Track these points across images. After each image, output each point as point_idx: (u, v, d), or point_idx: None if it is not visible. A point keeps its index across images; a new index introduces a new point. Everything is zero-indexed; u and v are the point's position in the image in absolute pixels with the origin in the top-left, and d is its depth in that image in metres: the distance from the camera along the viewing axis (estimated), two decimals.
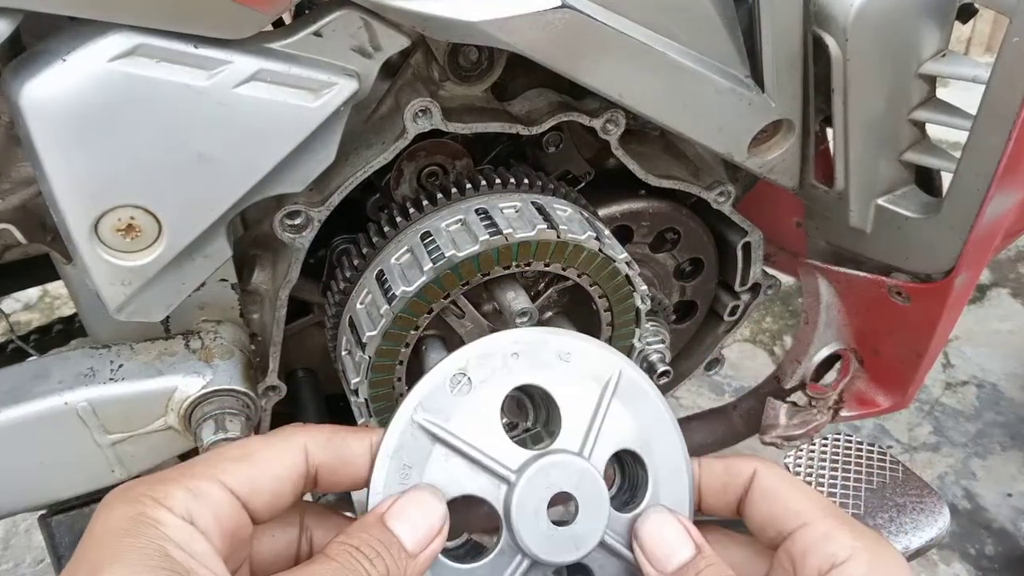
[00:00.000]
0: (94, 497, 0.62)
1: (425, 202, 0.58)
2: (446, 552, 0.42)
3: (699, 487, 0.46)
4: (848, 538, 0.39)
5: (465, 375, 0.44)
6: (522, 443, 0.45)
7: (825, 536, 0.40)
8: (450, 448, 0.43)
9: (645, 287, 0.62)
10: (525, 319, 0.54)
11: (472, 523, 0.46)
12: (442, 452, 0.43)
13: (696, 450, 0.88)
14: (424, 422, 0.43)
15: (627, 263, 0.59)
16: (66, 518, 0.62)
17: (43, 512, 0.63)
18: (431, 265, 0.53)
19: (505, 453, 0.44)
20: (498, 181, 0.60)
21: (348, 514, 0.45)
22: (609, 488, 0.45)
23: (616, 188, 0.73)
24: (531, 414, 0.48)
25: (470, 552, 0.46)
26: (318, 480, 0.40)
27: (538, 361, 0.45)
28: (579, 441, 0.45)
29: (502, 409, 0.45)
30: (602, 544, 0.44)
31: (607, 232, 0.60)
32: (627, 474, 0.48)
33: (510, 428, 0.46)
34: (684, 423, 0.88)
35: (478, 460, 0.43)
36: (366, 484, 0.41)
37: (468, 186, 0.59)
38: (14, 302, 1.89)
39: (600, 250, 0.57)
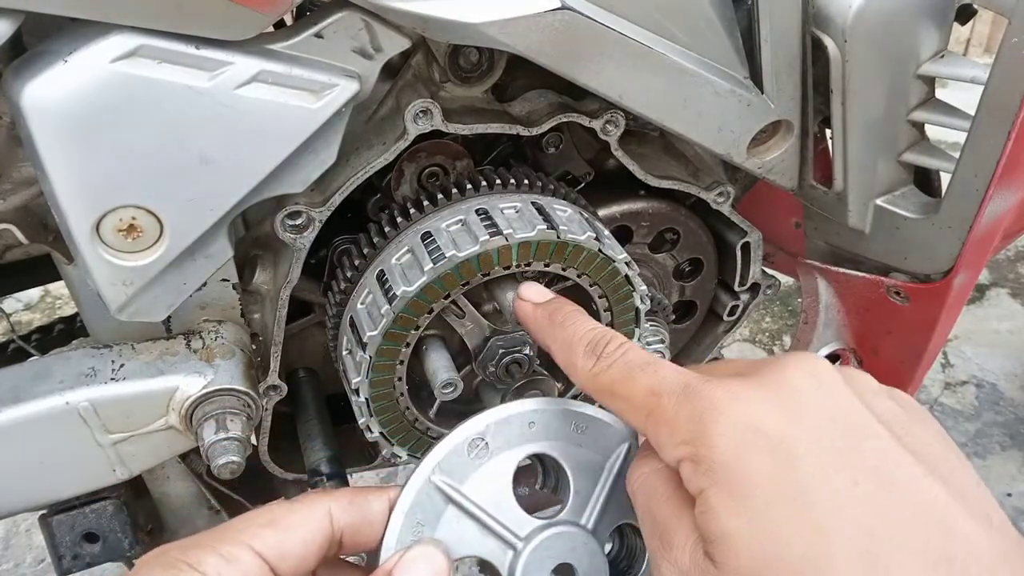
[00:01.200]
0: (95, 497, 0.63)
1: (426, 202, 0.58)
2: None
3: None
4: (671, 440, 0.38)
5: (483, 440, 0.46)
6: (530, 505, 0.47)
7: (659, 447, 0.39)
8: (462, 510, 0.45)
9: (644, 287, 0.62)
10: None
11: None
12: (454, 512, 0.45)
13: None
14: (440, 483, 0.44)
15: (626, 263, 0.59)
16: (67, 518, 0.62)
17: (44, 512, 0.63)
18: (431, 265, 0.53)
19: (514, 520, 0.46)
20: (498, 182, 0.60)
21: (351, 559, 0.46)
22: (608, 555, 0.47)
23: (616, 189, 0.73)
24: (541, 478, 0.49)
25: None
26: (343, 542, 0.42)
27: (553, 431, 0.47)
28: (584, 512, 0.47)
29: (515, 472, 0.47)
30: None
31: (607, 232, 0.61)
32: (625, 544, 0.49)
33: (519, 487, 0.48)
34: None
35: (488, 525, 0.45)
36: (381, 539, 0.43)
37: (468, 186, 0.59)
38: (15, 302, 1.89)
39: (600, 250, 0.57)
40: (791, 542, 0.34)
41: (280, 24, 0.57)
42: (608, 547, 0.48)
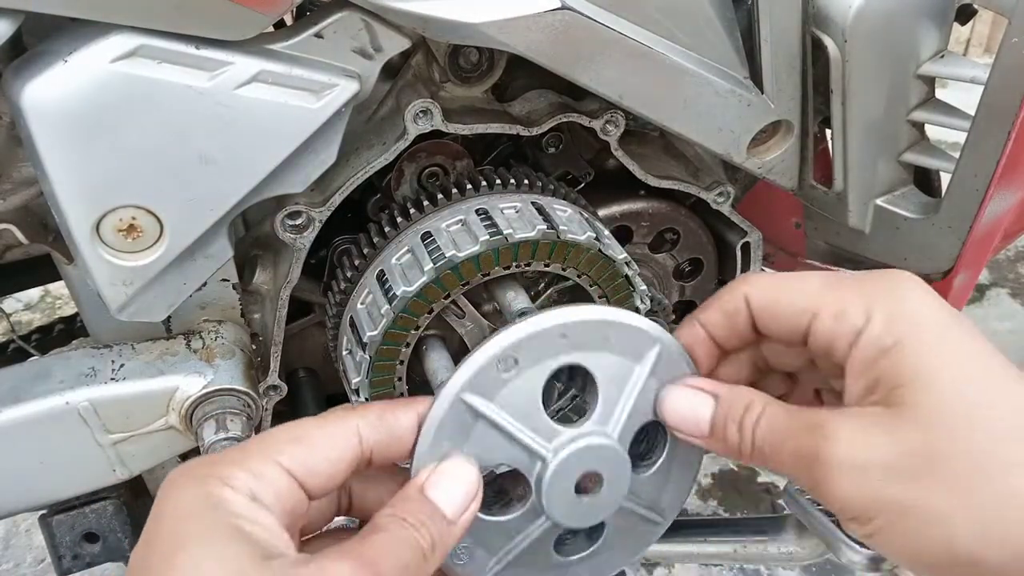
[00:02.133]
0: (94, 497, 0.63)
1: (425, 202, 0.58)
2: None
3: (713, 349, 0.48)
4: (859, 303, 0.40)
5: (514, 357, 0.46)
6: (560, 414, 0.48)
7: (838, 316, 0.41)
8: (491, 424, 0.46)
9: (644, 287, 0.62)
10: (525, 319, 0.54)
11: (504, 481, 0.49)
12: (483, 427, 0.46)
13: None
14: (469, 399, 0.45)
15: (627, 263, 0.59)
16: (67, 518, 0.62)
17: (44, 512, 0.63)
18: (431, 265, 0.53)
19: (543, 430, 0.47)
20: (498, 182, 0.60)
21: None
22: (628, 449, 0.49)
23: (616, 189, 0.73)
24: (571, 385, 0.50)
25: (497, 497, 0.50)
26: (372, 458, 0.42)
27: (584, 341, 0.47)
28: (611, 418, 0.48)
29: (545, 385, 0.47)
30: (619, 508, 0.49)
31: (607, 232, 0.61)
32: (647, 437, 0.50)
33: (548, 398, 0.48)
34: None
35: (516, 437, 0.46)
36: (411, 455, 0.44)
37: (468, 186, 0.59)
38: (15, 302, 1.89)
39: (600, 250, 0.57)
40: (989, 385, 0.37)
41: (280, 24, 0.57)
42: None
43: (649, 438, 0.50)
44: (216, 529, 0.35)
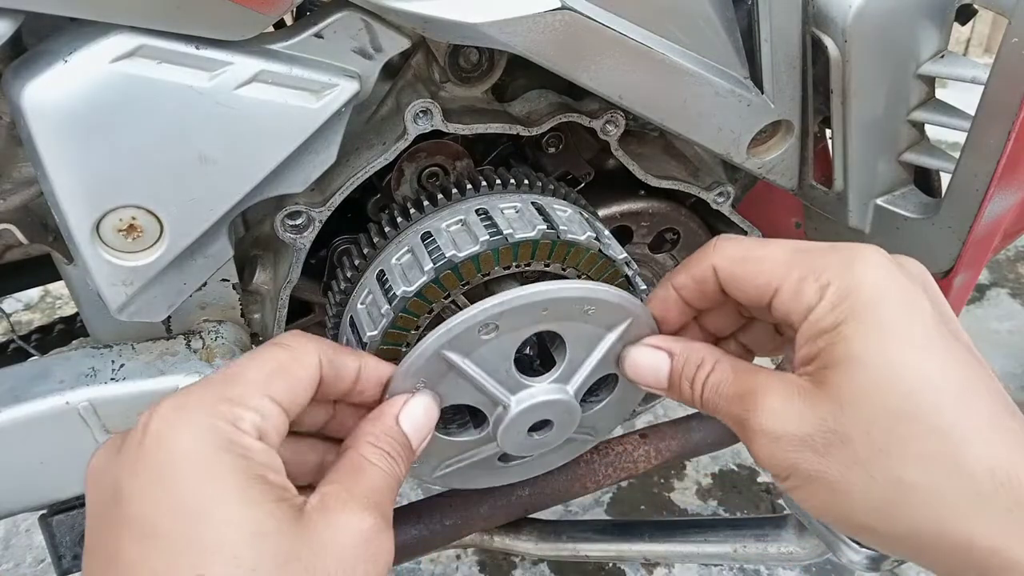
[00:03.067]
0: None
1: (426, 202, 0.58)
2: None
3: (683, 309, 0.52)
4: (815, 281, 0.43)
5: (496, 324, 0.49)
6: (529, 367, 0.53)
7: (796, 292, 0.43)
8: (462, 375, 0.50)
9: (644, 287, 0.62)
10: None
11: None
12: (455, 375, 0.50)
13: (696, 449, 0.88)
14: (448, 354, 0.49)
15: (627, 263, 0.59)
16: (67, 518, 0.62)
17: (43, 512, 0.63)
18: (432, 265, 0.53)
19: (509, 384, 0.52)
20: (498, 182, 0.60)
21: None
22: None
23: (615, 189, 0.73)
24: (539, 346, 0.55)
25: (455, 417, 0.56)
26: (319, 390, 0.44)
27: (564, 313, 0.51)
28: (573, 376, 0.53)
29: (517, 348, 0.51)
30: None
31: (607, 232, 0.61)
32: (600, 380, 0.56)
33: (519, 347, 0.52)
34: (684, 423, 0.89)
35: (484, 388, 0.51)
36: (349, 396, 0.48)
37: (468, 186, 0.59)
38: (15, 302, 1.89)
39: (600, 250, 0.57)
40: (912, 374, 0.40)
41: (280, 24, 0.57)
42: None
43: (601, 380, 0.56)
44: (246, 484, 0.37)
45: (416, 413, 0.48)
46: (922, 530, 0.40)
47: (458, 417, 0.56)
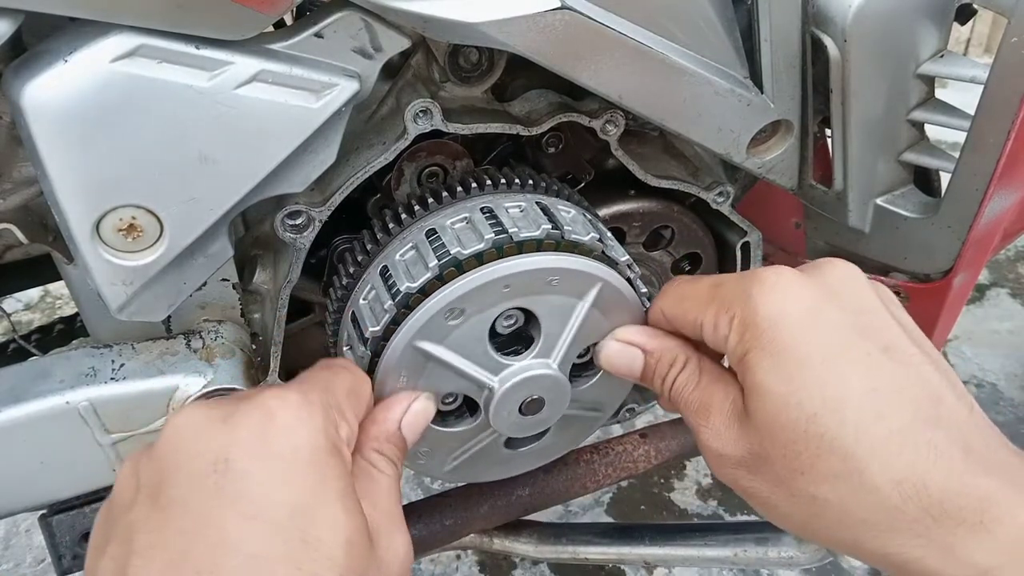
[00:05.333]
0: (94, 497, 0.63)
1: (430, 200, 0.59)
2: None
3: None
4: (725, 312, 0.45)
5: (460, 308, 0.50)
6: (508, 347, 0.54)
7: (715, 326, 0.46)
8: (442, 363, 0.51)
9: (645, 289, 0.62)
10: (510, 322, 0.55)
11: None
12: (435, 365, 0.51)
13: (696, 449, 0.88)
14: (420, 344, 0.50)
15: (629, 266, 0.59)
16: (67, 518, 0.62)
17: (43, 512, 0.63)
18: (436, 262, 0.53)
19: (489, 365, 0.53)
20: (503, 181, 0.60)
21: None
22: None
23: (603, 191, 0.73)
24: (514, 321, 0.55)
25: (453, 409, 0.57)
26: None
27: (528, 287, 0.52)
28: (553, 349, 0.54)
29: (492, 325, 0.52)
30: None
31: (609, 234, 0.61)
32: (589, 351, 0.57)
33: (495, 335, 0.54)
34: (684, 422, 0.88)
35: (465, 373, 0.52)
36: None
37: (473, 185, 0.59)
38: (15, 302, 1.89)
39: (603, 252, 0.57)
40: (813, 394, 0.41)
41: (280, 24, 0.57)
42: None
43: (591, 352, 0.57)
44: (346, 491, 0.39)
45: (415, 417, 0.50)
46: (843, 541, 0.41)
47: (455, 410, 0.56)
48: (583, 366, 0.58)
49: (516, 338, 0.56)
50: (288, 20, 0.62)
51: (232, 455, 0.38)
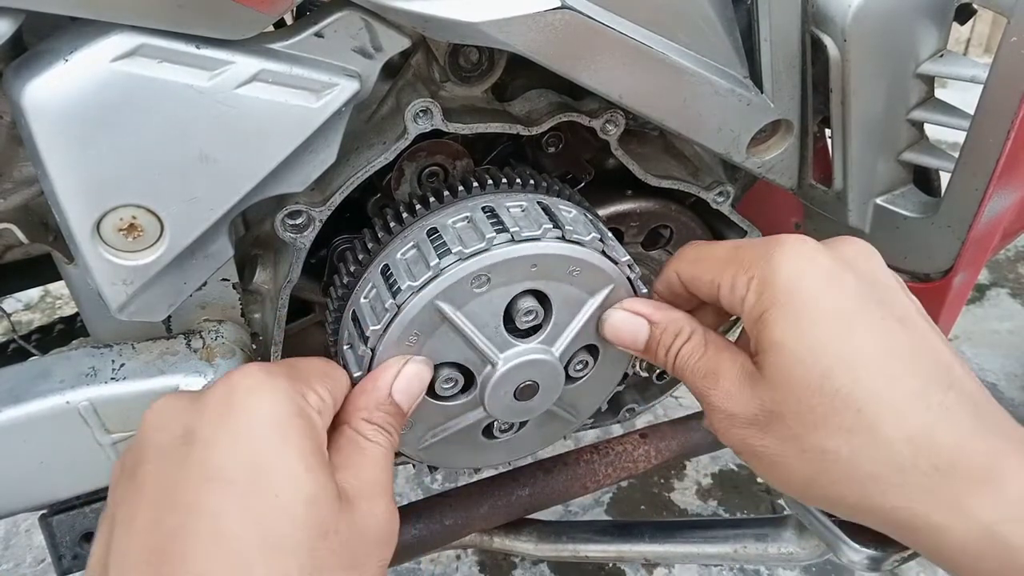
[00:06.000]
0: (94, 497, 0.63)
1: (432, 199, 0.59)
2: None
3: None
4: (743, 274, 0.46)
5: (487, 276, 0.52)
6: (517, 329, 0.55)
7: (732, 287, 0.47)
8: (454, 328, 0.53)
9: (646, 290, 0.62)
10: (530, 318, 0.56)
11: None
12: (447, 328, 0.53)
13: (696, 449, 0.88)
14: (441, 305, 0.52)
15: (629, 266, 0.59)
16: (67, 518, 0.62)
17: (43, 512, 0.63)
18: (438, 261, 0.53)
19: (497, 341, 0.54)
20: (504, 181, 0.60)
21: None
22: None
23: (602, 192, 0.73)
24: (530, 305, 0.56)
25: (444, 384, 0.57)
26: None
27: (551, 272, 0.54)
28: (558, 339, 0.56)
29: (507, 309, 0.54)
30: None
31: (610, 235, 0.61)
32: (580, 356, 0.59)
33: (511, 311, 0.55)
34: (684, 423, 0.89)
35: (474, 343, 0.53)
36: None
37: (475, 184, 0.59)
38: (16, 302, 1.89)
39: (604, 252, 0.57)
40: (829, 351, 0.42)
41: (280, 23, 0.57)
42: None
43: (582, 357, 0.59)
44: (309, 450, 0.40)
45: (408, 383, 0.51)
46: (848, 497, 0.43)
47: (448, 383, 0.57)
48: (573, 371, 0.60)
49: (521, 334, 0.57)
50: (288, 20, 0.62)
51: (197, 426, 0.40)
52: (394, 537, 0.44)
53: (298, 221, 0.59)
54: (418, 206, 0.59)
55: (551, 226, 0.55)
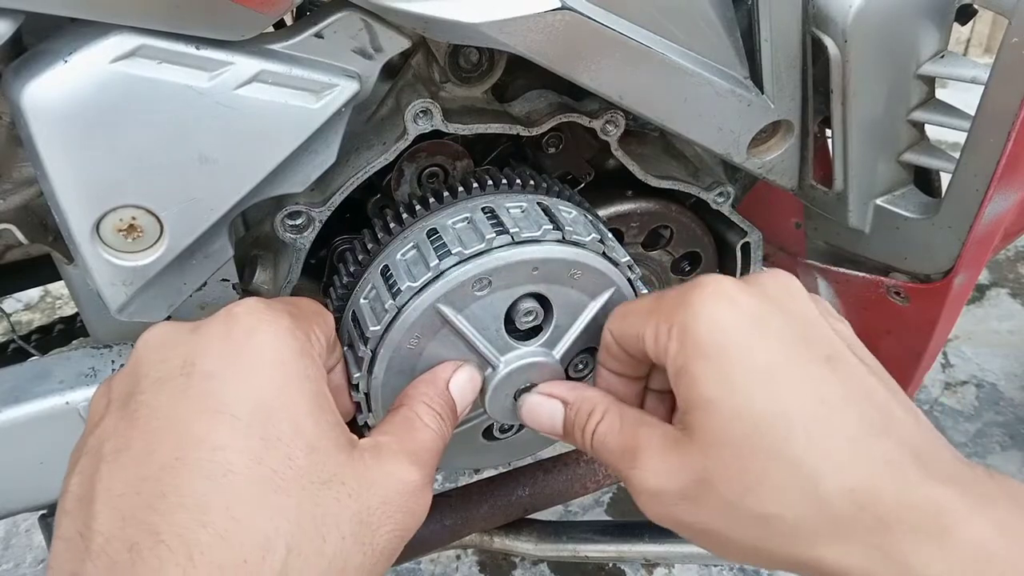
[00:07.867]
0: None
1: (431, 200, 0.59)
2: None
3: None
4: (664, 324, 0.44)
5: (489, 279, 0.52)
6: (518, 332, 0.56)
7: (655, 339, 0.45)
8: (455, 331, 0.53)
9: (646, 290, 0.62)
10: (530, 318, 0.56)
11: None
12: (448, 331, 0.53)
13: None
14: (442, 308, 0.52)
15: (629, 267, 0.59)
16: None
17: (44, 512, 0.63)
18: (438, 262, 0.53)
19: (498, 344, 0.54)
20: (504, 181, 0.60)
21: None
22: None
23: (602, 192, 0.73)
24: (531, 307, 0.56)
25: None
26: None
27: (552, 276, 0.54)
28: (559, 341, 0.56)
29: (508, 312, 0.54)
30: None
31: (610, 235, 0.61)
32: (580, 357, 0.59)
33: (512, 312, 0.55)
34: None
35: (475, 346, 0.53)
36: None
37: (475, 185, 0.59)
38: (15, 302, 1.89)
39: (604, 253, 0.57)
40: (761, 406, 0.39)
41: (280, 24, 0.57)
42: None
43: (582, 358, 0.59)
44: (313, 395, 0.40)
45: (464, 380, 0.51)
46: (792, 560, 0.40)
47: None
48: (573, 372, 0.60)
49: (522, 336, 0.57)
50: (288, 20, 0.62)
51: (198, 358, 0.39)
52: (417, 511, 0.42)
53: (298, 222, 0.59)
54: (418, 207, 0.58)
55: (551, 227, 0.55)
